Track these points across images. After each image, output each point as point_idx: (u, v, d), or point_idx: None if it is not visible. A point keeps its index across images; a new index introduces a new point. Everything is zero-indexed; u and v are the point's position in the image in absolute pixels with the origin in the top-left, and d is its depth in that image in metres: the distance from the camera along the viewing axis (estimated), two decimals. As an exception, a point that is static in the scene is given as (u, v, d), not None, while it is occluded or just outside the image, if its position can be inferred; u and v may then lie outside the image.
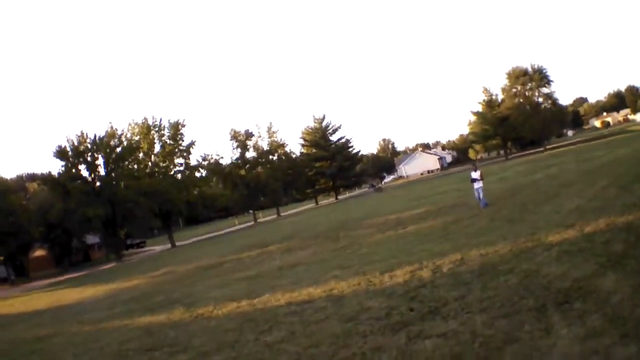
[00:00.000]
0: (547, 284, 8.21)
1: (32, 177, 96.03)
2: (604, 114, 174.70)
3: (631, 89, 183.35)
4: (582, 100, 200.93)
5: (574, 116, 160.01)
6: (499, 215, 18.32)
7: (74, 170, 60.82)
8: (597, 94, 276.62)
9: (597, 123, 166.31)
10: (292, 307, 11.24)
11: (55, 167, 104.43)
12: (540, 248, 10.99)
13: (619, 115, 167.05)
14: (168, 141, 69.69)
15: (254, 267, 21.10)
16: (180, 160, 71.47)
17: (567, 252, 10.05)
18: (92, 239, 74.99)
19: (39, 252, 74.22)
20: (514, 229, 14.46)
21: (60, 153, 59.78)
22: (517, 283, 8.67)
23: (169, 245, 65.47)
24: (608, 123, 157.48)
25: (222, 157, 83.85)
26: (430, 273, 11.12)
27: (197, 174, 74.90)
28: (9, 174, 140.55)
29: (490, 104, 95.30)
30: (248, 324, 10.63)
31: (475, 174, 22.52)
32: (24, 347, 14.60)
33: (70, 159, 60.39)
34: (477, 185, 22.29)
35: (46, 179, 63.60)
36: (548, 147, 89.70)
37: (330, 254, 19.72)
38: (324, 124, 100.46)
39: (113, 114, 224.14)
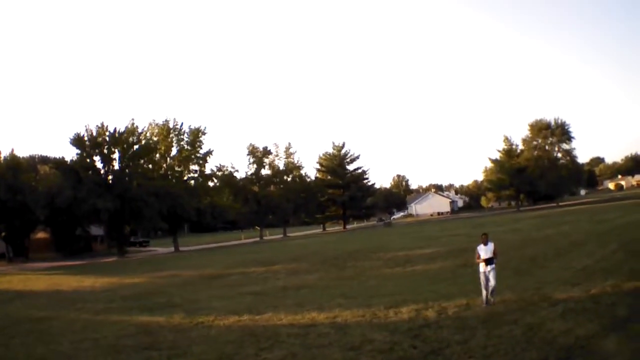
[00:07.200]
0: (550, 338, 8.35)
1: (44, 160, 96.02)
2: (619, 176, 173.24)
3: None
4: (598, 160, 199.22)
5: (589, 175, 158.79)
6: (508, 266, 18.37)
7: (88, 160, 60.62)
8: (614, 155, 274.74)
9: (611, 185, 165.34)
10: (295, 328, 11.26)
11: (69, 153, 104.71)
12: (546, 303, 11.13)
13: (633, 180, 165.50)
14: (186, 146, 69.95)
15: (259, 284, 21.27)
16: (196, 167, 71.75)
17: (572, 310, 10.18)
18: (96, 230, 74.52)
19: (41, 235, 73.88)
20: (522, 281, 14.61)
21: (77, 141, 59.37)
22: (520, 334, 8.80)
23: (172, 249, 65.37)
24: (621, 186, 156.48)
25: (237, 170, 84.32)
26: (436, 314, 11.23)
27: (210, 183, 75.22)
28: (21, 152, 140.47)
29: (509, 153, 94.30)
30: (249, 339, 10.62)
31: (486, 250, 12.65)
32: (21, 327, 14.65)
33: (87, 149, 60.16)
34: (485, 267, 12.42)
35: (59, 164, 63.05)
36: (561, 203, 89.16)
37: (336, 281, 19.88)
38: (342, 151, 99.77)
39: (133, 110, 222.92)
